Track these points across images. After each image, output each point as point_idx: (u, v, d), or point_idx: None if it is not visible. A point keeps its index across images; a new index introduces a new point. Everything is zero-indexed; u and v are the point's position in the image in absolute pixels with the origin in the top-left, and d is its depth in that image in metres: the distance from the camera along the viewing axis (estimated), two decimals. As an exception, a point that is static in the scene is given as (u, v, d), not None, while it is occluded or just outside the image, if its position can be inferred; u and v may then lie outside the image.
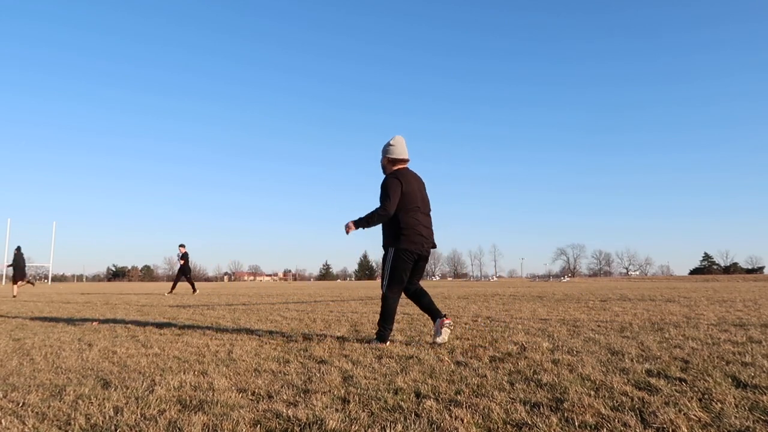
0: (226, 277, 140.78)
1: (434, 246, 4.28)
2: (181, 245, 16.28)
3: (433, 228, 4.34)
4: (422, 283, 19.79)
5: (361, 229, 4.18)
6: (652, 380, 2.67)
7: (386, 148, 4.31)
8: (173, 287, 16.19)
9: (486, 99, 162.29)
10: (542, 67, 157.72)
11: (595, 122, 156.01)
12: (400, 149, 4.28)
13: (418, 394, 2.47)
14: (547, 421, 2.02)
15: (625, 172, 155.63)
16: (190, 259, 16.46)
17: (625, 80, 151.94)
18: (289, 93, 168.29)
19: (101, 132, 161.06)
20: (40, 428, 2.04)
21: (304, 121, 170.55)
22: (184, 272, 16.12)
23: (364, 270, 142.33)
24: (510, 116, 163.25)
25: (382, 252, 4.24)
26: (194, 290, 16.30)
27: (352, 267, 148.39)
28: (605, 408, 2.17)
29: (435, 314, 4.18)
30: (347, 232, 4.13)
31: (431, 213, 4.35)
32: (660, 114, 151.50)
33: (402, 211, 4.08)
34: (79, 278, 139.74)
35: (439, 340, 4.05)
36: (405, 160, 4.31)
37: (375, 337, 4.25)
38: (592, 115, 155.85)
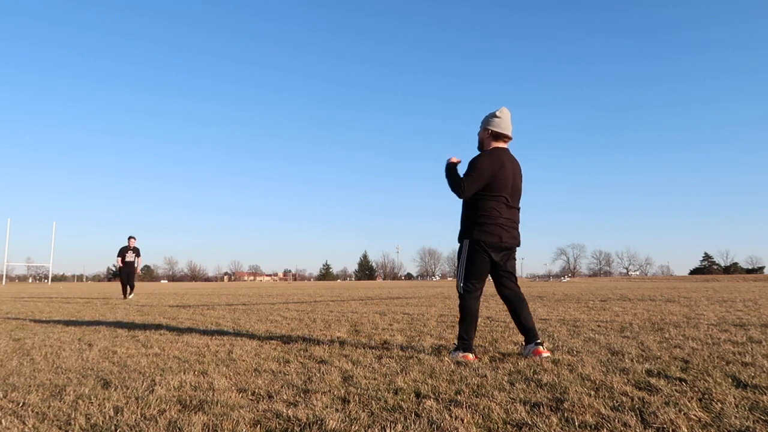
0: (226, 277, 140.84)
1: (518, 243, 3.69)
2: (133, 237, 14.38)
3: (515, 226, 3.69)
4: (422, 284, 19.68)
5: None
6: (652, 380, 2.67)
7: (489, 120, 3.69)
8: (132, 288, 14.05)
9: (485, 99, 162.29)
10: (543, 67, 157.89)
11: (595, 122, 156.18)
12: (506, 123, 3.67)
13: (418, 394, 2.47)
14: (547, 421, 2.02)
15: (625, 172, 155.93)
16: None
17: (625, 80, 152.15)
18: (289, 93, 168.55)
19: (101, 132, 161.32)
20: (40, 428, 2.04)
21: (304, 121, 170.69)
22: (131, 270, 14.13)
23: (364, 270, 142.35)
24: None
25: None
26: (125, 295, 13.79)
27: (352, 267, 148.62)
28: (605, 408, 2.17)
29: (530, 336, 3.51)
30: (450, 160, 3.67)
31: (519, 208, 3.74)
32: (660, 114, 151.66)
33: (483, 198, 3.52)
34: (79, 278, 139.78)
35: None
36: (508, 137, 3.71)
37: (455, 346, 3.58)
38: (592, 115, 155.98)
